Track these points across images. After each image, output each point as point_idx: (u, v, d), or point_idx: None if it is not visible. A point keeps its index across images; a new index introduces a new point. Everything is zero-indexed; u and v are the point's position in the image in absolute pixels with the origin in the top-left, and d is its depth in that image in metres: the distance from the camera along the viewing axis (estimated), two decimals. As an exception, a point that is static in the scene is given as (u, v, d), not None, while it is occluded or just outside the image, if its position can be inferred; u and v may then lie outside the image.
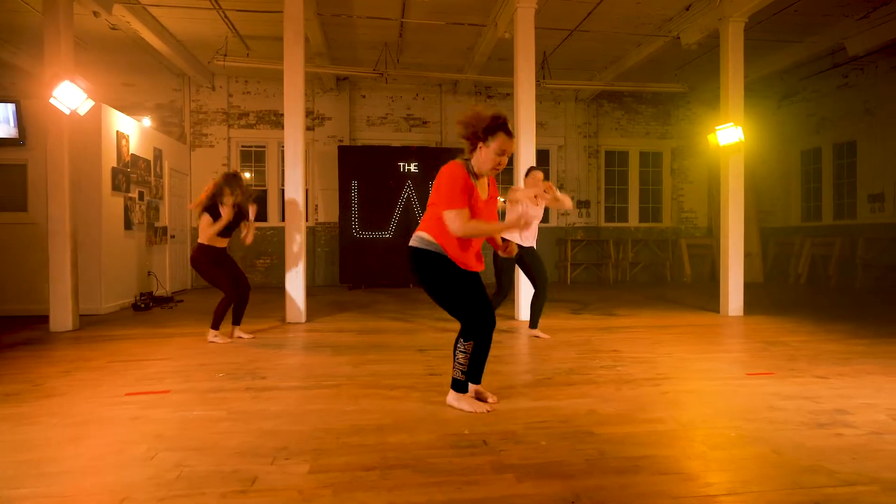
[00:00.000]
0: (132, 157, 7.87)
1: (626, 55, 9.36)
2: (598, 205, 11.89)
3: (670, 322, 6.21)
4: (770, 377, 3.68)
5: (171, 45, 8.58)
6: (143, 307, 7.33)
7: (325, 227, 10.87)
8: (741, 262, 6.70)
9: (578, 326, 5.91)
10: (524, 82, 6.29)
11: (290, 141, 5.97)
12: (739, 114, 6.65)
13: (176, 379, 3.56)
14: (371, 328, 5.72)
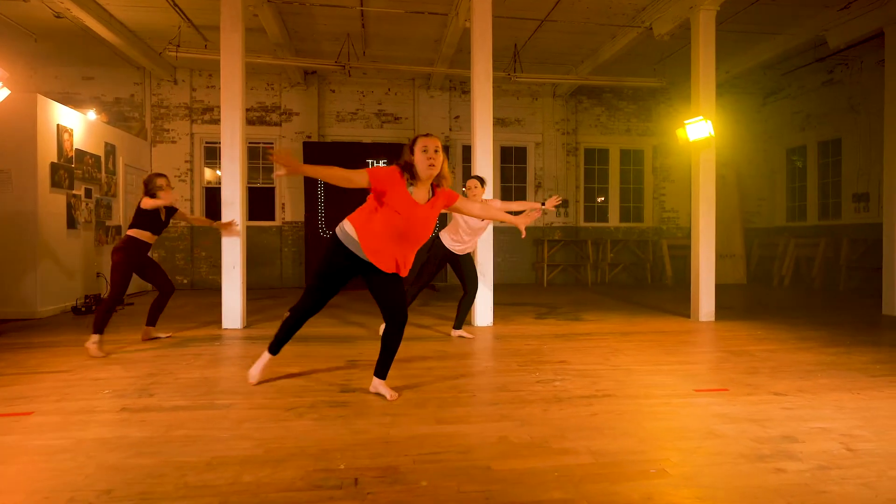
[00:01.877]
0: (77, 152, 7.47)
1: (601, 48, 8.98)
2: (576, 204, 11.52)
3: (636, 328, 5.84)
4: (720, 394, 3.31)
5: (122, 36, 8.17)
6: (83, 311, 6.93)
7: (291, 227, 10.48)
8: (713, 265, 6.34)
9: (536, 333, 5.53)
10: (481, 74, 5.92)
11: (227, 134, 5.58)
12: (711, 107, 6.29)
13: (51, 397, 3.17)
14: (310, 335, 5.32)
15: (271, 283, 10.38)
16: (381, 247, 3.04)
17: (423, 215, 3.05)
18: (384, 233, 3.01)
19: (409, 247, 3.12)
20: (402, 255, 3.12)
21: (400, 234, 3.03)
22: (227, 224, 5.46)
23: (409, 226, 3.01)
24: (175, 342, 4.91)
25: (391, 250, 3.07)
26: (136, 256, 4.73)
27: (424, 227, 3.08)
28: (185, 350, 4.56)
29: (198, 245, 10.24)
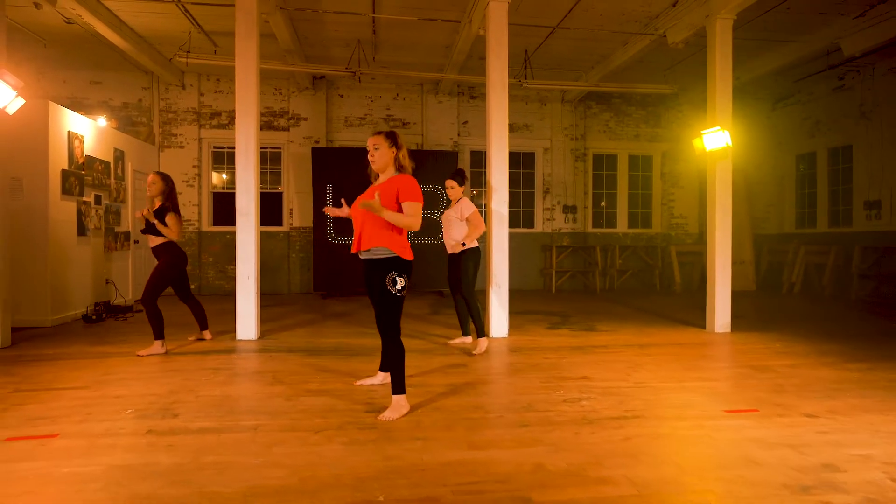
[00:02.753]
0: (87, 159, 7.42)
1: (612, 54, 8.94)
2: (585, 210, 11.47)
3: (652, 340, 5.79)
4: (751, 416, 3.26)
5: (131, 41, 8.13)
6: (94, 319, 6.88)
7: (299, 232, 10.43)
8: (728, 276, 6.29)
9: (552, 345, 5.49)
10: (497, 82, 5.87)
11: (242, 141, 5.53)
12: (727, 117, 6.24)
13: (74, 417, 3.13)
14: (327, 347, 5.28)
15: (278, 290, 10.33)
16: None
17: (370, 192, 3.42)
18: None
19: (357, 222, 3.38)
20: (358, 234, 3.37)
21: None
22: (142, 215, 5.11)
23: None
24: (191, 355, 4.87)
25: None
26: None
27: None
28: (202, 364, 4.51)
29: (205, 250, 10.19)
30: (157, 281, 5.01)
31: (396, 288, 3.25)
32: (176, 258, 5.15)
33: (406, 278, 3.31)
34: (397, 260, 3.28)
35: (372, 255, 3.29)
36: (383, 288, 3.24)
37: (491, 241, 5.89)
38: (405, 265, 3.32)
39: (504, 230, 5.91)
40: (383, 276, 3.24)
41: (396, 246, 3.27)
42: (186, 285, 5.42)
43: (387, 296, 3.24)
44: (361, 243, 3.29)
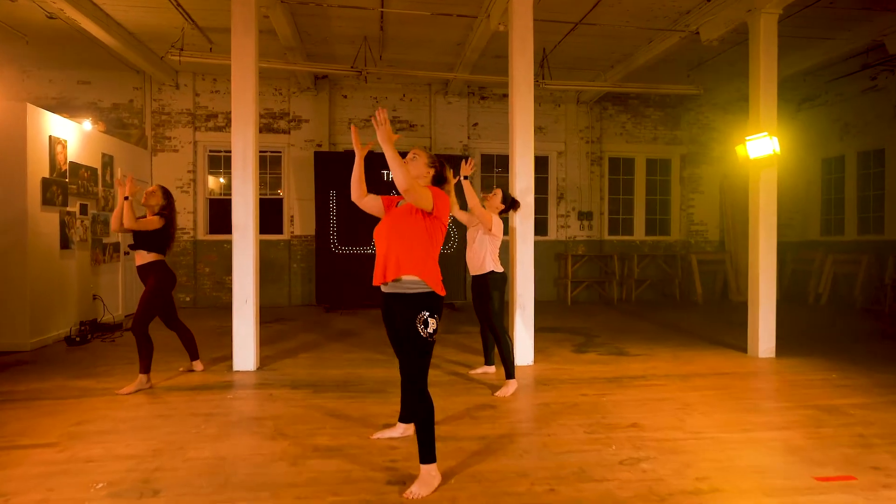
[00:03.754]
0: (71, 166, 6.85)
1: (636, 53, 8.38)
2: (601, 216, 10.92)
3: (692, 368, 5.24)
4: (850, 487, 2.71)
5: (120, 38, 7.55)
6: (78, 341, 6.31)
7: (301, 241, 9.87)
8: (773, 297, 5.74)
9: (583, 375, 4.93)
10: (521, 83, 5.31)
11: (239, 148, 4.97)
12: (772, 121, 5.70)
13: (32, 493, 2.56)
14: (334, 379, 4.72)
15: (279, 302, 9.77)
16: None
17: (395, 212, 2.90)
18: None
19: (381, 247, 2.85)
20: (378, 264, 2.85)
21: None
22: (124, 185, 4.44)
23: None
24: (180, 392, 4.30)
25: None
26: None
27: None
28: (192, 405, 3.95)
29: (201, 260, 9.63)
30: (147, 306, 4.47)
31: (428, 331, 2.70)
32: (165, 279, 4.60)
33: (438, 319, 2.76)
34: (430, 296, 2.74)
35: (399, 289, 2.74)
36: (411, 330, 2.69)
37: (514, 258, 5.33)
38: (438, 302, 2.77)
39: (528, 246, 5.35)
40: (412, 316, 2.69)
41: (431, 277, 2.73)
42: (173, 309, 4.86)
43: (415, 340, 2.68)
44: (387, 272, 2.73)
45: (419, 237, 2.74)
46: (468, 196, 4.35)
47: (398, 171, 2.57)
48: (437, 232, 2.80)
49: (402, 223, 2.76)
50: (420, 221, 2.75)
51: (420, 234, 2.74)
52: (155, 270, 4.56)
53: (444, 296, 2.81)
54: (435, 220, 2.78)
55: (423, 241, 2.75)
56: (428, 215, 2.76)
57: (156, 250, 4.60)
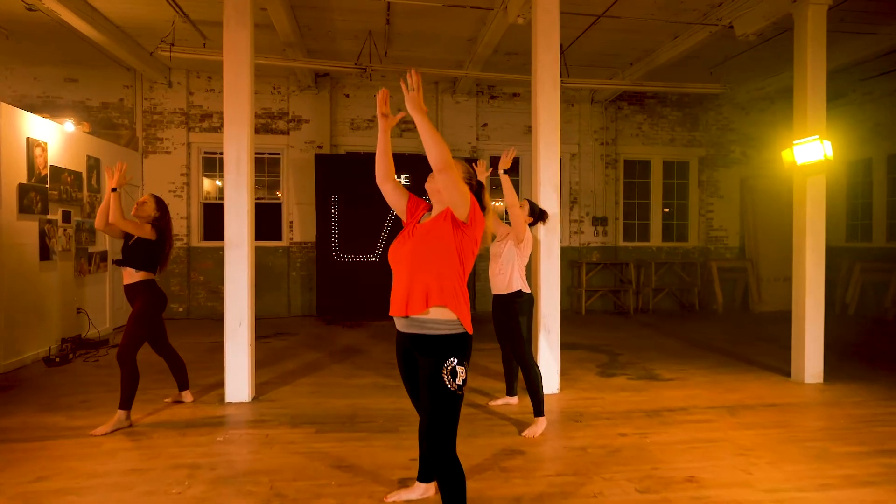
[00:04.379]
0: (51, 170, 6.31)
1: (659, 49, 7.85)
2: (615, 222, 10.39)
3: (736, 396, 4.72)
4: None
5: (106, 32, 7.01)
6: (57, 361, 5.78)
7: (301, 248, 9.33)
8: (821, 316, 5.22)
9: (617, 406, 4.41)
10: (546, 80, 4.78)
11: (232, 153, 4.43)
12: (821, 123, 5.17)
13: None
14: (339, 414, 4.19)
15: (278, 312, 9.23)
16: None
17: (415, 231, 2.35)
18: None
19: (398, 283, 2.34)
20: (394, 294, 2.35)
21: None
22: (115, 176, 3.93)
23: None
24: (164, 431, 3.77)
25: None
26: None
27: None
28: (176, 454, 3.41)
29: (195, 269, 9.09)
30: (133, 332, 3.93)
31: (457, 383, 2.18)
32: (154, 302, 4.06)
33: (467, 366, 2.25)
34: (460, 339, 2.22)
35: (422, 328, 2.21)
36: (436, 383, 2.17)
37: (539, 275, 4.81)
38: (467, 345, 2.25)
39: (554, 262, 4.83)
40: (437, 365, 2.17)
41: (462, 312, 2.22)
42: (162, 333, 4.33)
43: (441, 395, 2.16)
44: (410, 304, 2.20)
45: (449, 259, 2.21)
46: (508, 194, 3.81)
47: (434, 145, 2.08)
48: (468, 252, 2.26)
49: (429, 242, 2.23)
50: (450, 237, 2.21)
51: (450, 256, 2.21)
52: (142, 291, 4.03)
53: (471, 334, 2.29)
54: (467, 234, 2.23)
55: (454, 264, 2.22)
56: (459, 227, 2.22)
57: (145, 268, 4.06)
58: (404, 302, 2.22)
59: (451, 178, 2.11)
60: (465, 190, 2.19)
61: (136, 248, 4.07)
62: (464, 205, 2.18)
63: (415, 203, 2.45)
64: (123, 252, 4.12)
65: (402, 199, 2.46)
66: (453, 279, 2.22)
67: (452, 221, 2.22)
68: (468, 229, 2.23)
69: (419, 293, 2.19)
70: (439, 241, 2.22)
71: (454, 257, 2.22)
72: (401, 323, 2.29)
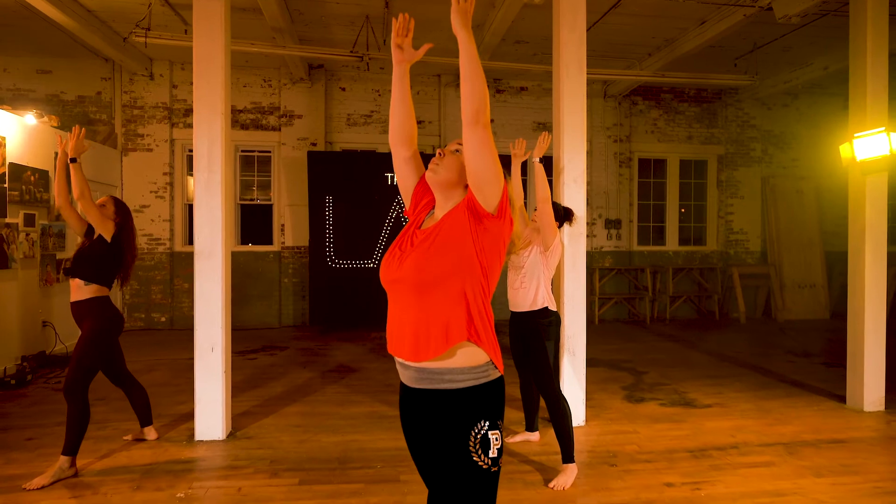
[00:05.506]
0: (11, 168, 5.65)
1: (682, 37, 7.20)
2: (630, 224, 9.74)
3: (791, 430, 4.06)
4: None
5: (77, 17, 6.35)
6: (13, 383, 5.12)
7: (293, 253, 8.66)
8: (882, 334, 4.56)
9: (656, 444, 3.76)
10: (571, 64, 4.13)
11: (203, 148, 3.76)
12: (882, 115, 4.52)
13: None
14: (329, 455, 3.54)
15: (268, 322, 8.57)
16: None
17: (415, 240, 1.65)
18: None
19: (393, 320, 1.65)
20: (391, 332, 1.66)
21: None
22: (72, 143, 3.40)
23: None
24: (114, 484, 3.11)
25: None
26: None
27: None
28: (125, 513, 2.76)
29: (178, 275, 8.43)
30: (84, 360, 3.28)
31: (490, 456, 1.53)
32: (107, 321, 3.41)
33: (502, 428, 1.58)
34: (492, 388, 1.57)
35: (440, 382, 1.55)
36: (461, 458, 1.51)
37: (562, 289, 4.15)
38: (500, 395, 1.60)
39: (580, 274, 4.18)
40: (461, 433, 1.52)
41: (492, 345, 1.57)
42: (120, 361, 3.66)
43: (469, 476, 1.51)
44: (420, 344, 1.54)
45: (471, 271, 1.55)
46: (541, 186, 3.16)
47: (476, 79, 1.48)
48: (493, 258, 1.58)
49: (441, 251, 1.55)
50: (468, 239, 1.54)
51: (471, 266, 1.54)
52: (92, 310, 3.38)
53: (503, 375, 1.64)
54: (491, 231, 1.56)
55: (476, 277, 1.55)
56: (481, 222, 1.55)
57: (97, 280, 3.42)
58: (413, 342, 1.55)
59: (488, 137, 1.47)
60: (499, 165, 1.53)
61: (89, 255, 3.42)
62: (496, 183, 1.52)
63: (423, 188, 1.79)
64: (75, 260, 3.47)
65: (413, 176, 1.79)
66: (478, 300, 1.55)
67: (472, 214, 1.55)
68: (493, 224, 1.55)
69: (437, 328, 1.52)
70: (456, 247, 1.54)
71: (476, 268, 1.55)
72: (407, 374, 1.63)
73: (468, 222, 1.55)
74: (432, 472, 1.63)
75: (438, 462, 1.57)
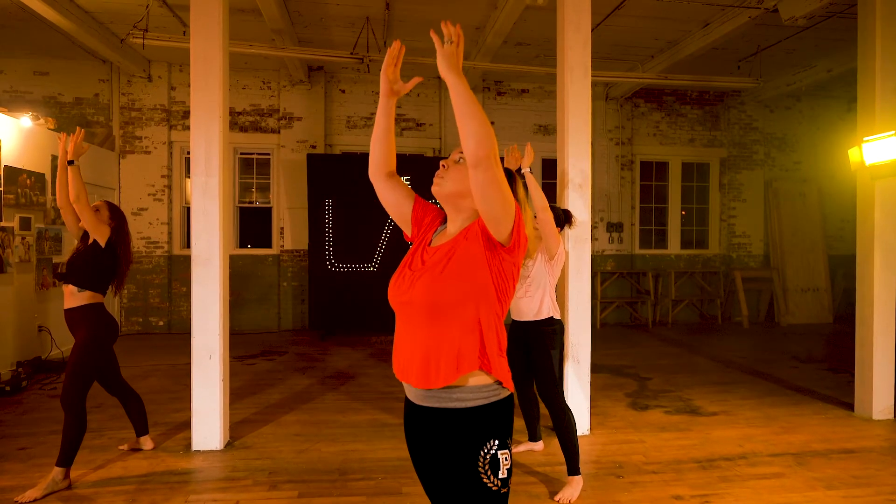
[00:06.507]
0: (6, 171, 5.57)
1: (687, 39, 7.14)
2: (632, 228, 9.67)
3: (799, 439, 3.98)
4: None
5: (74, 18, 6.28)
6: (8, 390, 5.04)
7: (292, 256, 8.59)
8: (892, 341, 4.49)
9: (663, 453, 3.68)
10: (576, 65, 4.06)
11: (200, 149, 3.69)
12: (892, 115, 4.45)
13: None
14: (330, 465, 3.46)
15: (267, 326, 8.49)
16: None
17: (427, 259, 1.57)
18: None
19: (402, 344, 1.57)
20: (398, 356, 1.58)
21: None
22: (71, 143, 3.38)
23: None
24: (111, 497, 3.03)
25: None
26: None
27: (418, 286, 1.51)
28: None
29: (176, 279, 8.35)
30: (80, 369, 3.18)
31: (500, 477, 1.45)
32: (102, 329, 3.33)
33: (510, 449, 1.51)
34: (501, 407, 1.49)
35: (448, 401, 1.47)
36: (469, 479, 1.43)
37: (566, 296, 4.08)
38: (508, 415, 1.51)
39: (584, 281, 4.11)
40: (469, 453, 1.44)
41: (503, 368, 1.49)
42: (115, 369, 3.58)
43: (477, 493, 1.43)
44: (430, 373, 1.45)
45: (486, 298, 1.46)
46: (537, 196, 3.07)
47: (474, 120, 1.38)
48: (507, 284, 1.51)
49: (454, 276, 1.46)
50: (483, 266, 1.46)
51: (486, 293, 1.46)
52: (86, 318, 3.29)
53: (513, 392, 1.56)
54: (507, 260, 1.48)
55: (491, 304, 1.47)
56: (496, 250, 1.46)
57: (91, 287, 3.33)
58: (422, 370, 1.46)
59: (494, 177, 1.37)
60: (511, 196, 1.44)
61: (83, 261, 3.34)
62: (507, 217, 1.43)
63: (423, 209, 1.71)
64: (69, 265, 3.40)
65: (405, 201, 1.70)
66: (491, 325, 1.48)
67: (486, 241, 1.47)
68: (509, 253, 1.48)
69: (448, 357, 1.44)
70: (471, 272, 1.46)
71: (490, 292, 1.47)
72: (413, 392, 1.55)
73: (482, 250, 1.47)
74: (438, 490, 1.55)
75: (445, 481, 1.49)
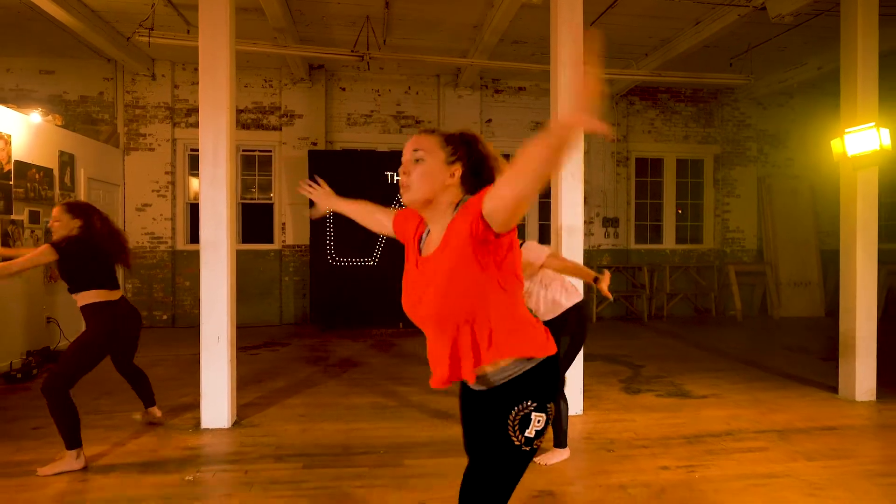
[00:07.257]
0: (16, 165, 5.73)
1: (679, 37, 7.31)
2: (627, 223, 9.84)
3: (784, 418, 4.15)
4: None
5: (81, 17, 6.44)
6: (19, 377, 5.19)
7: (294, 251, 8.75)
8: (874, 326, 4.66)
9: (652, 431, 3.85)
10: (568, 65, 4.23)
11: (209, 144, 3.86)
12: (873, 109, 4.63)
13: None
14: (333, 443, 3.62)
15: (269, 320, 8.65)
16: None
17: (424, 271, 1.59)
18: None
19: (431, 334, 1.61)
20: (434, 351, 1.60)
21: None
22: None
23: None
24: (123, 475, 3.19)
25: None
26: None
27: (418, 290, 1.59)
28: (134, 495, 2.84)
29: (180, 273, 8.51)
30: (73, 359, 3.19)
31: (526, 435, 1.50)
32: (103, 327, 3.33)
33: (548, 411, 1.54)
34: (541, 371, 1.55)
35: (490, 383, 1.56)
36: (497, 432, 1.52)
37: (560, 281, 4.24)
38: (549, 375, 1.56)
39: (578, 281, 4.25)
40: (501, 416, 1.52)
41: (531, 342, 1.55)
42: (131, 354, 3.73)
43: (501, 451, 1.51)
44: (452, 370, 1.54)
45: (494, 297, 1.51)
46: (568, 268, 3.38)
47: (549, 162, 1.31)
48: (508, 271, 1.53)
49: (455, 283, 1.49)
50: (477, 270, 1.48)
51: (492, 293, 1.51)
52: (91, 316, 3.32)
53: (556, 353, 1.60)
54: (500, 243, 1.48)
55: (499, 296, 1.52)
56: (489, 244, 1.46)
57: (85, 287, 3.32)
58: (446, 368, 1.54)
59: (519, 207, 1.40)
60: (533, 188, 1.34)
61: (62, 268, 3.31)
62: (507, 222, 1.44)
63: (403, 222, 1.79)
64: (65, 280, 3.41)
65: (386, 221, 1.92)
66: (504, 314, 1.53)
67: (474, 241, 1.45)
68: (495, 245, 1.48)
69: (467, 359, 1.52)
70: (470, 278, 1.49)
71: (495, 289, 1.51)
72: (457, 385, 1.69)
73: (473, 252, 1.46)
74: (471, 446, 1.68)
75: (478, 436, 1.61)
